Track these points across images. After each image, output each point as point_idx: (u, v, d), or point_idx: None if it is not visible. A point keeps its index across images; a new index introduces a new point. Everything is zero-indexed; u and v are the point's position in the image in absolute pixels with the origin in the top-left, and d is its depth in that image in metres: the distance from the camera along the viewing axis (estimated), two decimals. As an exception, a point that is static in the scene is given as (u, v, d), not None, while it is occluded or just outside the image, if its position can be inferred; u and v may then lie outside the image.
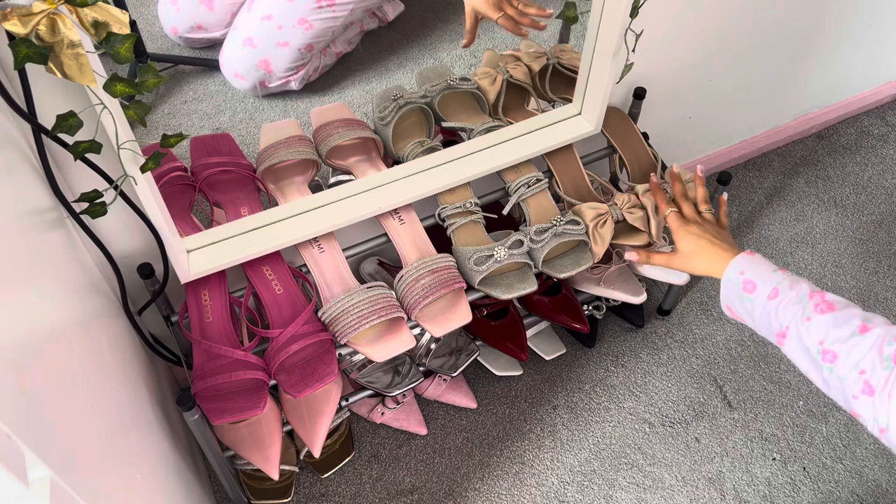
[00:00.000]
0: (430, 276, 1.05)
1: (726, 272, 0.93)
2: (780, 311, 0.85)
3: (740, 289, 0.90)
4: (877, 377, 0.76)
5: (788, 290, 0.86)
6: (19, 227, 0.71)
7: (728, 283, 0.92)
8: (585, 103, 1.17)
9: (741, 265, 0.92)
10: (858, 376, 0.77)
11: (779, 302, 0.86)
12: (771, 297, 0.87)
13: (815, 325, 0.82)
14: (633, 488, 1.32)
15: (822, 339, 0.81)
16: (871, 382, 0.76)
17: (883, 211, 1.69)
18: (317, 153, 1.10)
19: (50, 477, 0.54)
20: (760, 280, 0.89)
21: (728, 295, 0.92)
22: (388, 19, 1.21)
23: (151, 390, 1.04)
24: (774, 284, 0.87)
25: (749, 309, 0.89)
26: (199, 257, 1.00)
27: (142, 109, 0.75)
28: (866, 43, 1.62)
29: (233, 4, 1.10)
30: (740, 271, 0.91)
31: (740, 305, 0.91)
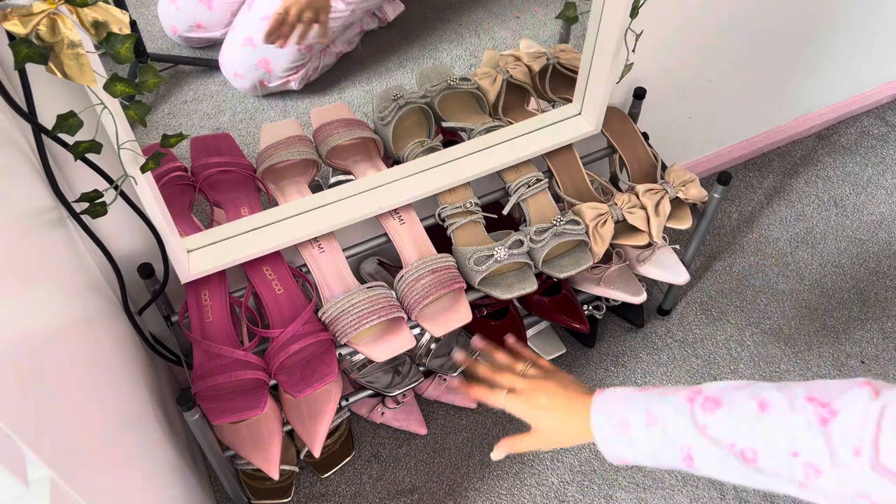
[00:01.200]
0: (431, 276, 1.05)
1: (594, 426, 0.77)
2: (669, 434, 0.71)
3: (620, 435, 0.75)
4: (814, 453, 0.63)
5: (663, 405, 0.72)
6: (19, 226, 0.71)
7: (603, 437, 0.76)
8: (585, 103, 1.17)
9: (603, 408, 0.77)
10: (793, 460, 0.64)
11: (662, 427, 0.72)
12: (650, 425, 0.72)
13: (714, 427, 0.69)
14: (633, 488, 1.32)
15: (733, 442, 0.67)
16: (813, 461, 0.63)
17: (883, 211, 1.69)
18: (317, 153, 1.10)
19: (50, 477, 0.54)
20: (629, 412, 0.74)
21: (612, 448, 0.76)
22: (388, 19, 1.21)
23: (151, 390, 1.04)
24: (644, 408, 0.73)
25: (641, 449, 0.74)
26: (200, 257, 1.00)
27: (142, 109, 0.75)
28: (866, 43, 1.62)
29: (232, 4, 1.10)
30: (605, 416, 0.76)
31: (629, 451, 0.75)
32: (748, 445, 0.67)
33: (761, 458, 0.66)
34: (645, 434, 0.73)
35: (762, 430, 0.66)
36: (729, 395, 0.70)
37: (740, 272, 1.59)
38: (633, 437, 0.74)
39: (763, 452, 0.66)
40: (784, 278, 1.58)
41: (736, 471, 0.69)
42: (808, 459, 0.63)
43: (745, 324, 1.51)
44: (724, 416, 0.68)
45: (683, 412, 0.71)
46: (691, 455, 0.70)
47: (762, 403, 0.67)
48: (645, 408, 0.74)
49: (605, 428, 0.76)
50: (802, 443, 0.64)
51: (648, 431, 0.73)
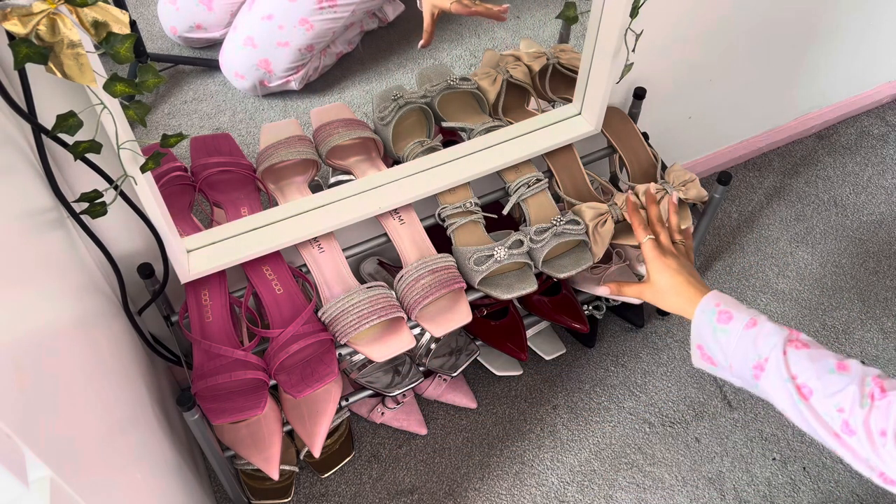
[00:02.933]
0: (430, 276, 1.05)
1: (701, 303, 0.87)
2: (759, 341, 0.81)
3: (715, 319, 0.85)
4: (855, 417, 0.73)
5: (766, 321, 0.82)
6: (19, 227, 0.71)
7: (702, 315, 0.87)
8: (585, 103, 1.17)
9: (717, 297, 0.87)
10: (837, 414, 0.74)
11: (757, 332, 0.82)
12: (749, 327, 0.82)
13: (794, 358, 0.78)
14: (633, 488, 1.32)
15: (797, 375, 0.78)
16: (850, 423, 0.73)
17: (883, 211, 1.69)
18: (317, 153, 1.10)
19: (50, 477, 0.54)
20: (737, 310, 0.85)
21: (700, 329, 0.87)
22: (388, 20, 1.21)
23: (151, 390, 1.04)
24: (752, 316, 0.83)
25: (723, 343, 0.84)
26: (199, 257, 1.00)
27: (142, 109, 0.75)
28: (866, 43, 1.62)
29: (232, 4, 1.10)
30: (716, 303, 0.86)
31: (713, 340, 0.86)
32: (808, 384, 0.77)
33: (815, 398, 0.76)
34: (739, 332, 0.82)
35: (828, 381, 0.76)
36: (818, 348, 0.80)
37: (740, 272, 1.59)
38: (728, 330, 0.83)
39: (818, 395, 0.76)
40: (784, 278, 1.58)
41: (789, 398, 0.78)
42: (848, 419, 0.73)
43: (745, 324, 1.51)
44: (806, 356, 0.78)
45: (780, 333, 0.80)
46: (763, 367, 0.80)
47: (841, 364, 0.77)
48: (751, 315, 0.83)
49: (710, 308, 0.86)
50: (849, 405, 0.73)
51: (744, 332, 0.82)
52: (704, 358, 0.88)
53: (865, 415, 0.72)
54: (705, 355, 0.87)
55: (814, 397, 0.76)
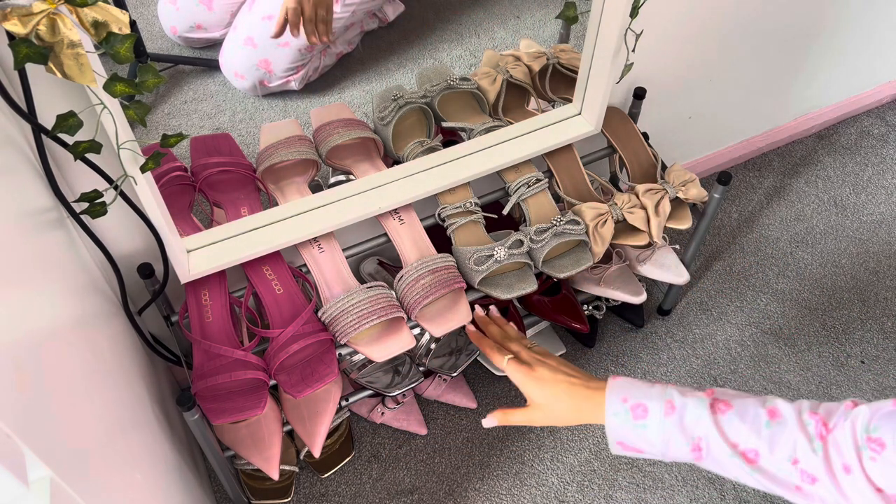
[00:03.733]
0: (430, 276, 1.05)
1: (608, 406, 0.78)
2: (685, 423, 0.74)
3: (631, 418, 0.77)
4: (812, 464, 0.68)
5: (681, 397, 0.76)
6: (19, 227, 0.71)
7: (615, 418, 0.78)
8: (585, 103, 1.17)
9: (618, 391, 0.79)
10: (792, 467, 0.70)
11: (679, 415, 0.75)
12: (668, 414, 0.75)
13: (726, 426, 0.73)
14: (633, 488, 1.32)
15: (736, 442, 0.72)
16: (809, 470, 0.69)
17: (883, 211, 1.69)
18: (317, 153, 1.10)
19: (50, 477, 0.54)
20: (646, 398, 0.77)
21: (618, 430, 0.78)
22: (388, 20, 1.21)
23: (151, 390, 1.04)
24: (665, 398, 0.76)
25: (647, 436, 0.77)
26: (199, 257, 1.00)
27: (142, 109, 0.75)
28: (866, 43, 1.62)
29: (232, 4, 1.10)
30: (622, 398, 0.78)
31: (635, 436, 0.78)
32: (752, 447, 0.71)
33: (762, 460, 0.71)
34: (660, 421, 0.75)
35: (768, 435, 0.71)
36: (741, 400, 0.74)
37: (740, 272, 1.59)
38: (648, 424, 0.76)
39: (765, 455, 0.71)
40: (784, 278, 1.58)
41: (738, 468, 0.72)
42: (806, 468, 0.69)
43: (745, 324, 1.51)
44: (736, 417, 0.73)
45: (701, 405, 0.74)
46: (701, 447, 0.74)
47: (772, 412, 0.72)
48: (664, 397, 0.76)
49: (620, 412, 0.77)
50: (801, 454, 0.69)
51: (665, 420, 0.75)
52: (628, 450, 0.80)
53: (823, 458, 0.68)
54: (628, 448, 0.80)
55: (761, 459, 0.72)
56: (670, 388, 0.77)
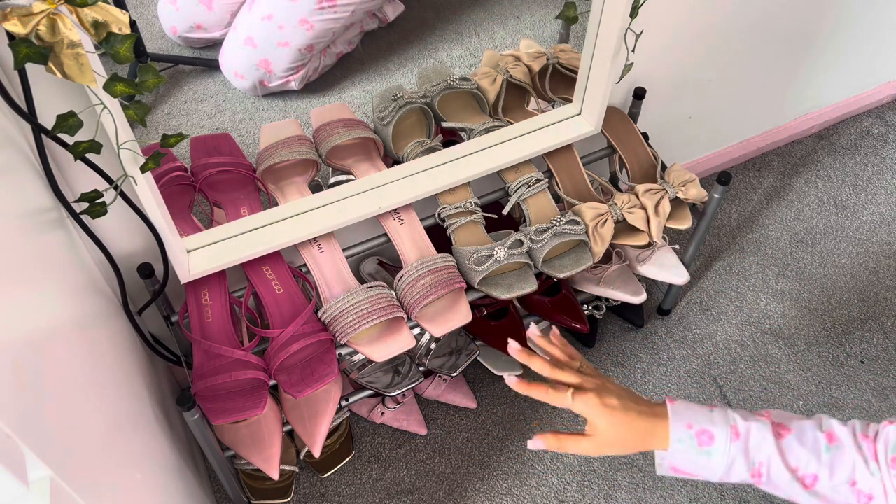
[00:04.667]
0: (430, 276, 1.05)
1: (673, 433, 0.75)
2: (751, 449, 0.74)
3: (696, 445, 0.75)
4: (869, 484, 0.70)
5: (744, 421, 0.75)
6: (19, 227, 0.71)
7: (680, 444, 0.75)
8: (585, 103, 1.17)
9: (682, 417, 0.75)
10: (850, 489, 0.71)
11: (745, 441, 0.74)
12: (734, 440, 0.74)
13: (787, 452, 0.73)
14: (633, 488, 1.32)
15: (797, 466, 0.73)
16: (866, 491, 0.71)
17: (883, 211, 1.69)
18: (317, 153, 1.10)
19: (50, 477, 0.54)
20: (712, 426, 0.75)
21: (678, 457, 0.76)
22: (388, 20, 1.21)
23: (151, 390, 1.04)
24: (729, 423, 0.75)
25: (709, 463, 0.75)
26: (199, 257, 1.00)
27: (142, 109, 0.75)
28: (866, 43, 1.62)
29: (232, 4, 1.10)
30: (687, 424, 0.75)
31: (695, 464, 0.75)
32: (812, 472, 0.73)
33: (820, 484, 0.72)
34: (726, 448, 0.74)
35: (828, 460, 0.72)
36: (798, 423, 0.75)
37: (740, 272, 1.59)
38: (713, 451, 0.74)
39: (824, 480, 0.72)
40: (784, 278, 1.58)
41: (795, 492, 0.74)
42: (863, 489, 0.71)
43: (745, 324, 1.51)
44: (796, 442, 0.74)
45: (766, 429, 0.74)
46: (762, 472, 0.74)
47: (829, 436, 0.73)
48: (728, 422, 0.75)
49: (685, 438, 0.74)
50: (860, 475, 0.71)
51: (731, 446, 0.74)
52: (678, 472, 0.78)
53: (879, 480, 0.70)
54: (679, 471, 0.77)
55: (820, 484, 0.72)
56: (731, 412, 0.75)
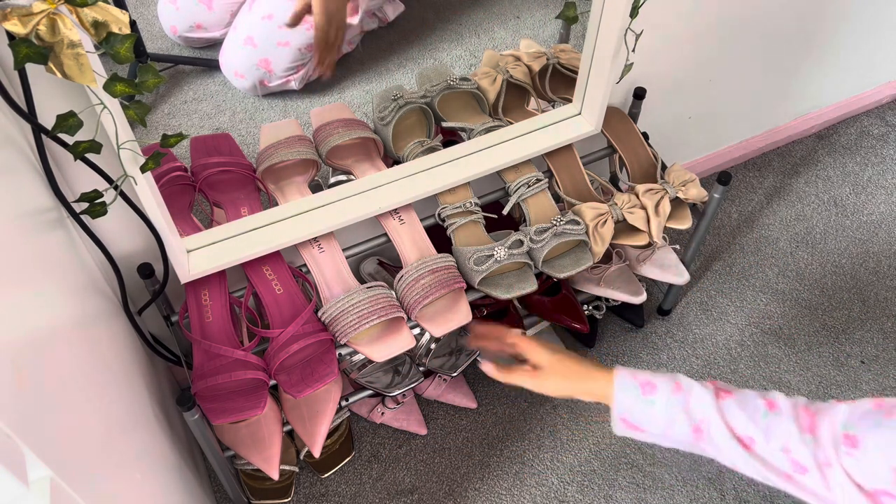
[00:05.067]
0: (430, 276, 1.05)
1: (618, 380, 0.82)
2: (691, 404, 0.78)
3: (640, 393, 0.81)
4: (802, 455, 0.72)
5: (688, 380, 0.80)
6: (19, 227, 0.71)
7: (624, 392, 0.81)
8: (585, 103, 1.17)
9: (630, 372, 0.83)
10: (783, 455, 0.73)
11: (685, 396, 0.79)
12: (676, 392, 0.79)
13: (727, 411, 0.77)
14: (633, 488, 1.32)
15: (735, 427, 0.76)
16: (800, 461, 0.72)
17: (883, 211, 1.69)
18: (316, 153, 1.10)
19: (50, 477, 0.54)
20: (656, 379, 0.81)
21: (626, 403, 0.81)
22: (388, 20, 1.21)
23: (151, 390, 1.04)
24: (674, 380, 0.80)
25: (652, 414, 0.80)
26: (199, 257, 1.00)
27: (142, 109, 0.75)
28: (866, 43, 1.62)
29: (232, 4, 1.10)
30: (632, 375, 0.82)
31: (640, 412, 0.81)
32: (749, 434, 0.76)
33: (758, 447, 0.75)
34: (667, 399, 0.79)
35: (765, 424, 0.75)
36: (742, 392, 0.79)
37: (740, 272, 1.59)
38: (656, 401, 0.79)
39: (761, 443, 0.75)
40: (784, 278, 1.58)
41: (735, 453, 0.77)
42: (796, 458, 0.73)
43: (745, 324, 1.51)
44: (736, 405, 0.77)
45: (708, 390, 0.79)
46: (702, 429, 0.78)
47: (770, 403, 0.76)
48: (673, 379, 0.80)
49: (630, 387, 0.81)
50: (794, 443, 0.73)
51: (672, 397, 0.79)
52: (630, 427, 0.84)
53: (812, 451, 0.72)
54: (631, 425, 0.83)
55: (757, 446, 0.75)
56: (678, 374, 0.81)
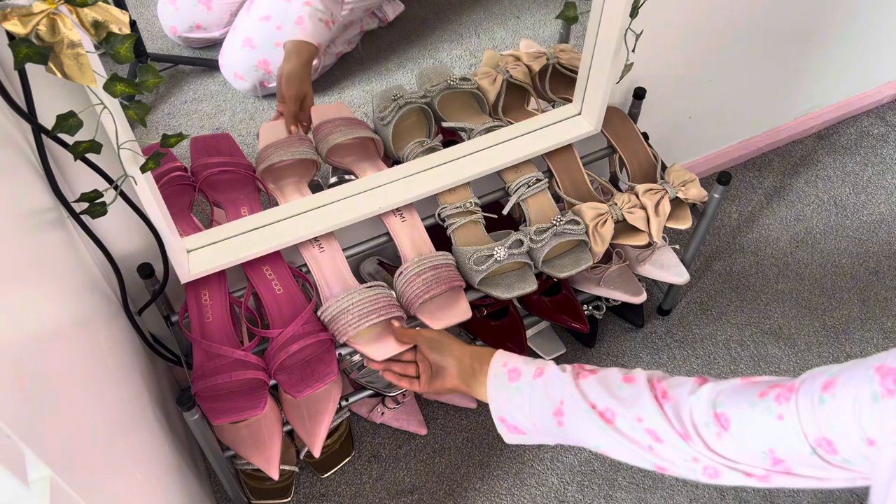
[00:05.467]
0: (431, 273, 1.05)
1: (491, 369, 0.86)
2: (549, 387, 0.81)
3: (507, 380, 0.84)
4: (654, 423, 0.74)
5: (552, 367, 0.83)
6: (19, 227, 0.71)
7: (495, 380, 0.85)
8: (585, 103, 1.17)
9: (502, 358, 0.87)
10: (638, 425, 0.75)
11: (546, 379, 0.81)
12: (536, 376, 0.82)
13: (586, 388, 0.78)
14: (633, 488, 1.32)
15: (595, 403, 0.78)
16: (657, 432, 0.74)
17: (883, 211, 1.69)
18: (316, 152, 1.10)
19: (50, 477, 0.54)
20: (524, 364, 0.84)
21: (496, 396, 0.85)
22: (388, 19, 1.21)
23: (151, 390, 1.04)
24: (538, 366, 0.83)
25: (519, 403, 0.83)
26: (199, 257, 1.00)
27: (142, 109, 0.75)
28: (866, 43, 1.62)
29: (231, 4, 1.10)
30: (503, 363, 0.86)
31: (509, 403, 0.84)
32: (607, 407, 0.77)
33: (619, 420, 0.76)
34: (529, 384, 0.82)
35: (620, 395, 0.77)
36: (605, 370, 0.81)
37: (740, 272, 1.59)
38: (519, 386, 0.83)
39: (620, 414, 0.76)
40: (784, 278, 1.58)
41: (598, 428, 0.78)
42: (649, 427, 0.74)
43: (745, 324, 1.51)
44: (595, 380, 0.79)
45: (566, 371, 0.81)
46: (562, 411, 0.80)
47: (626, 377, 0.78)
48: (539, 365, 0.83)
49: (500, 374, 0.85)
50: (647, 415, 0.74)
51: (533, 382, 0.82)
52: (511, 430, 0.86)
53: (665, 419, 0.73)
54: (510, 426, 0.85)
55: (618, 419, 0.76)
56: (551, 363, 0.83)
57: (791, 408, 0.65)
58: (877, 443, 0.59)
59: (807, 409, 0.64)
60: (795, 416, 0.65)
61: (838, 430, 0.62)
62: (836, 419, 0.62)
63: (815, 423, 0.63)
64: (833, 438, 0.62)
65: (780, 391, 0.67)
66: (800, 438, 0.64)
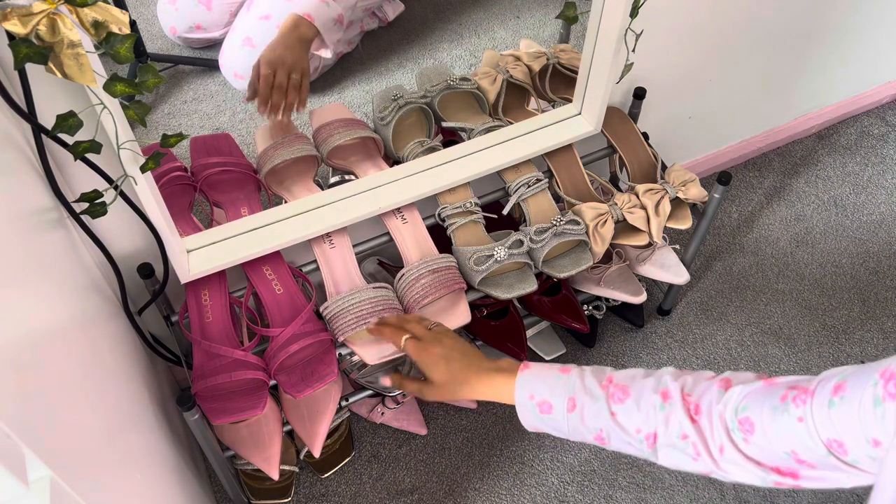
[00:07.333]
0: (431, 276, 1.05)
1: (518, 398, 0.85)
2: (586, 420, 0.81)
3: (538, 413, 0.84)
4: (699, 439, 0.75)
5: (583, 394, 0.81)
6: (19, 227, 0.71)
7: (524, 409, 0.85)
8: (585, 103, 1.17)
9: (528, 388, 0.84)
10: (683, 442, 0.76)
11: (580, 412, 0.81)
12: (570, 410, 0.82)
13: (624, 418, 0.79)
14: (633, 488, 1.32)
15: (639, 428, 0.78)
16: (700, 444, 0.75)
17: (883, 211, 1.69)
18: (316, 150, 1.10)
19: (50, 477, 0.54)
20: (551, 396, 0.83)
21: (528, 419, 0.86)
22: (388, 19, 1.21)
23: (151, 390, 1.04)
24: (568, 395, 0.82)
25: (555, 426, 0.84)
26: (199, 257, 1.00)
27: (142, 109, 0.75)
28: (866, 43, 1.62)
29: (231, 4, 1.10)
30: (530, 395, 0.84)
31: (543, 425, 0.85)
32: (651, 432, 0.78)
33: (660, 439, 0.77)
34: (565, 417, 0.82)
35: (664, 418, 0.77)
36: (633, 385, 0.80)
37: (740, 272, 1.59)
38: (553, 418, 0.83)
39: (661, 434, 0.77)
40: (784, 278, 1.58)
41: (641, 452, 0.80)
42: (695, 441, 0.75)
43: (745, 324, 1.51)
44: (633, 405, 0.79)
45: (599, 399, 0.81)
46: (603, 437, 0.81)
47: (664, 394, 0.78)
48: (567, 393, 0.82)
49: (529, 407, 0.85)
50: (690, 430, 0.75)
51: (569, 416, 0.82)
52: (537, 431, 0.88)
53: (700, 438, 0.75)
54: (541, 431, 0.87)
55: (660, 439, 0.77)
56: (574, 379, 0.83)
57: (808, 410, 0.67)
58: (882, 444, 0.61)
59: (820, 412, 0.66)
60: (811, 418, 0.67)
61: (847, 433, 0.64)
62: (843, 422, 0.64)
63: (827, 425, 0.65)
64: (843, 440, 0.64)
65: (797, 393, 0.69)
66: (815, 440, 0.66)
